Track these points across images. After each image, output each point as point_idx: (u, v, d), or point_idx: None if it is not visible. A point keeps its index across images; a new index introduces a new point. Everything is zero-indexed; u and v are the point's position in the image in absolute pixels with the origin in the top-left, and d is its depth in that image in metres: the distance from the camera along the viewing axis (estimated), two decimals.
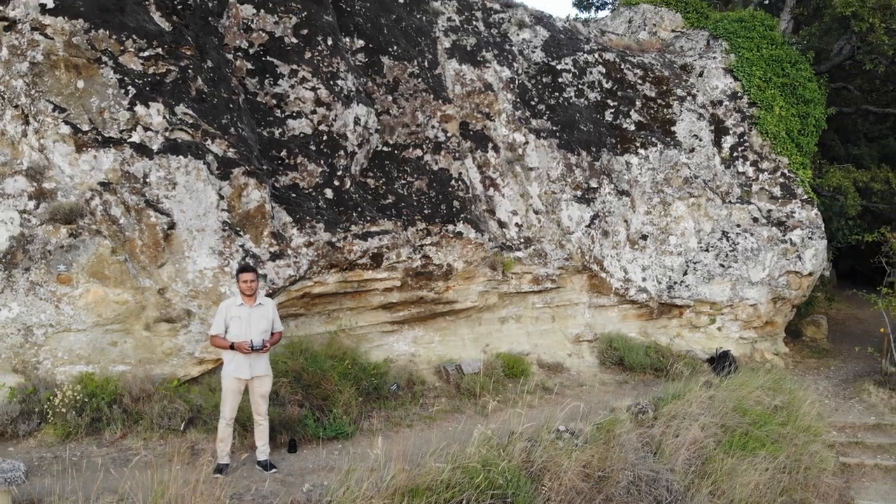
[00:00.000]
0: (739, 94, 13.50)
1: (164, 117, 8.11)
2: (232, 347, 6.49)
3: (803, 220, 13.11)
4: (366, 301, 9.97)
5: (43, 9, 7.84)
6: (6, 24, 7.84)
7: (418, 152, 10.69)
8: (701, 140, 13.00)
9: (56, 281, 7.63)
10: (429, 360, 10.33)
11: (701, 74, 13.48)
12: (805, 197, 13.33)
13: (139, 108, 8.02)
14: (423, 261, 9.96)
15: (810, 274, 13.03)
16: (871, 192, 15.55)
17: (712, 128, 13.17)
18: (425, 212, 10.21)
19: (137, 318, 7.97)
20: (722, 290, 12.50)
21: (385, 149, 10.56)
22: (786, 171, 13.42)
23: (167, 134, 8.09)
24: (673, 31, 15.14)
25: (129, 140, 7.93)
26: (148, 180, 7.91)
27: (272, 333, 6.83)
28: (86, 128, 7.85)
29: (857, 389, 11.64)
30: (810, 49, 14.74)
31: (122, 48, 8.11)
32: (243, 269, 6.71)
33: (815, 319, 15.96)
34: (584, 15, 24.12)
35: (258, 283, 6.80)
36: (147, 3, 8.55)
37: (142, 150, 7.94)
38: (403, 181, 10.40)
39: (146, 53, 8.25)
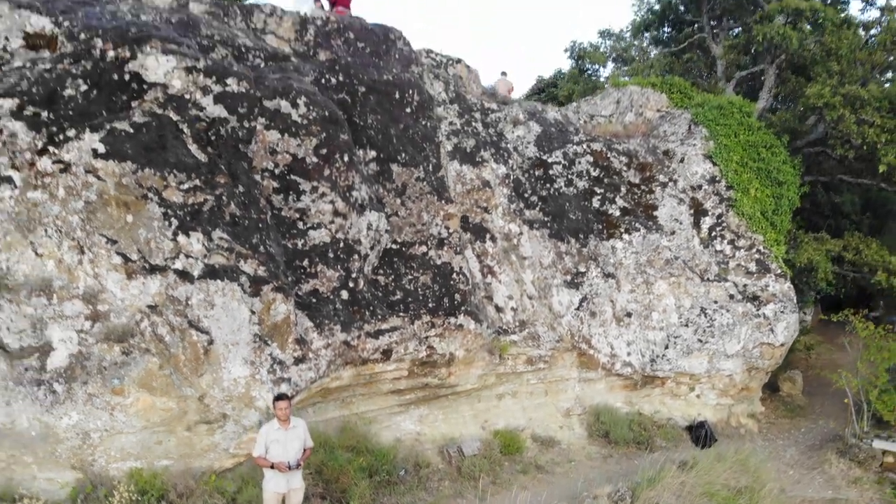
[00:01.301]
0: (718, 178, 14.69)
1: (203, 244, 9.33)
2: (272, 466, 7.72)
3: (777, 293, 14.28)
4: (376, 388, 11.17)
5: (95, 153, 9.07)
6: (62, 166, 9.07)
7: (423, 248, 11.88)
8: (681, 223, 14.19)
9: (110, 392, 8.82)
10: (433, 440, 11.50)
11: (682, 160, 14.68)
12: (779, 272, 14.49)
13: (181, 238, 9.25)
14: (427, 351, 11.15)
15: (782, 345, 14.19)
16: (843, 260, 16.71)
17: (692, 211, 14.36)
18: (430, 305, 11.39)
19: (180, 421, 9.15)
20: (700, 362, 13.65)
21: (394, 246, 11.76)
22: (761, 247, 14.59)
23: (206, 260, 9.31)
24: (658, 110, 16.34)
25: (172, 267, 9.14)
26: (190, 302, 9.12)
27: (304, 450, 8.08)
28: (135, 257, 9.06)
29: (821, 459, 12.77)
30: (786, 132, 15.93)
31: (164, 183, 9.34)
32: (279, 397, 7.93)
33: (790, 375, 17.09)
34: (570, 66, 24.96)
35: (291, 409, 8.01)
36: (184, 136, 9.80)
37: (184, 275, 9.15)
38: (410, 276, 11.60)
39: (186, 186, 9.48)
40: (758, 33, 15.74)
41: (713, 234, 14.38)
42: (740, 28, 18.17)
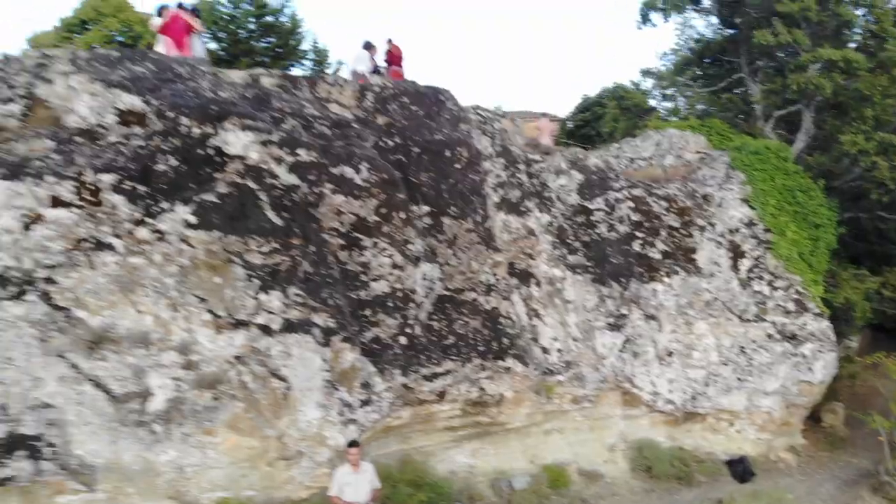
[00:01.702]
0: (755, 222, 15.34)
1: (281, 301, 10.51)
2: None
3: (815, 332, 14.82)
4: (432, 425, 12.17)
5: (187, 223, 10.36)
6: (159, 235, 10.37)
7: (473, 295, 12.88)
8: (720, 266, 14.88)
9: (203, 433, 10.02)
10: (485, 473, 12.43)
11: (720, 205, 15.38)
12: (817, 311, 15.04)
13: (262, 296, 10.45)
14: (479, 392, 12.12)
15: (821, 382, 14.71)
16: (882, 297, 17.06)
17: (730, 254, 15.05)
18: (480, 349, 12.37)
19: (262, 458, 10.30)
20: (739, 399, 14.28)
21: (446, 293, 12.77)
22: (799, 287, 15.17)
23: (284, 314, 10.48)
24: (698, 152, 17.07)
25: (255, 322, 10.34)
26: (270, 353, 10.29)
27: (373, 490, 9.16)
28: (222, 313, 10.29)
29: (854, 495, 13.22)
30: (822, 174, 16.49)
31: (247, 247, 10.57)
32: (351, 444, 9.01)
33: (832, 407, 17.45)
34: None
35: (361, 453, 9.09)
36: (262, 203, 11.04)
37: (265, 329, 10.34)
38: (462, 321, 12.60)
39: (265, 248, 10.70)
40: (792, 82, 16.38)
41: (751, 275, 15.02)
42: (777, 68, 18.72)
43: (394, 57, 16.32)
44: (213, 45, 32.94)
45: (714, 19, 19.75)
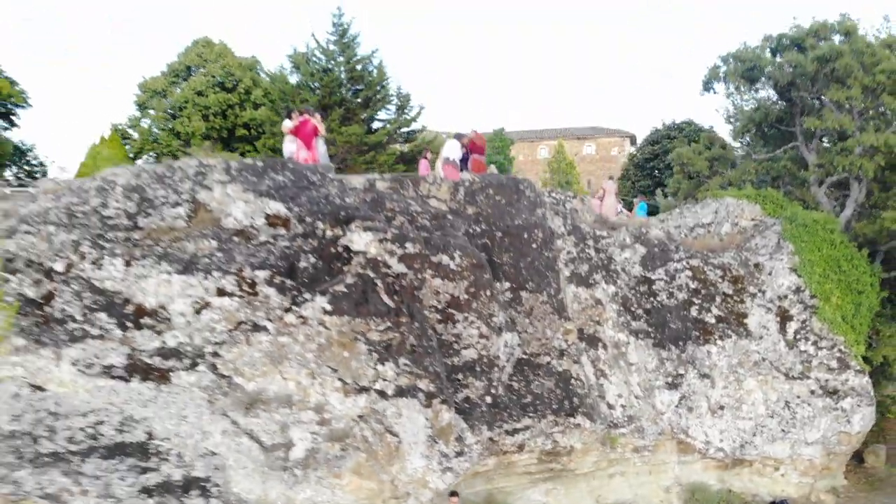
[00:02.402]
0: (802, 289, 17.05)
1: (393, 370, 13.15)
2: None
3: (855, 387, 16.46)
4: (512, 470, 14.58)
5: (324, 310, 13.12)
6: (302, 320, 13.18)
7: (547, 358, 15.22)
8: (768, 329, 16.69)
9: (332, 476, 12.75)
10: None
11: (770, 273, 17.16)
12: (857, 368, 16.63)
13: (379, 367, 13.12)
14: (552, 444, 14.44)
15: (858, 433, 16.31)
16: None
17: (778, 318, 16.82)
18: (553, 406, 14.69)
19: (378, 497, 12.95)
20: (783, 448, 16.06)
21: (524, 357, 15.17)
22: (842, 347, 16.79)
23: (395, 381, 13.12)
24: (752, 219, 18.84)
25: (374, 388, 13.01)
26: (385, 413, 12.93)
27: None
28: (349, 381, 13.01)
29: None
30: (868, 242, 18.00)
31: (368, 327, 13.26)
32: (452, 494, 11.53)
33: (874, 449, 18.90)
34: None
35: (459, 502, 11.60)
36: (379, 289, 13.71)
37: (381, 394, 13.00)
38: (537, 382, 14.96)
39: (381, 327, 13.37)
40: (839, 163, 17.94)
41: (797, 336, 16.76)
42: (831, 140, 20.22)
43: (476, 146, 18.88)
44: (310, 97, 36.30)
45: (772, 92, 21.32)
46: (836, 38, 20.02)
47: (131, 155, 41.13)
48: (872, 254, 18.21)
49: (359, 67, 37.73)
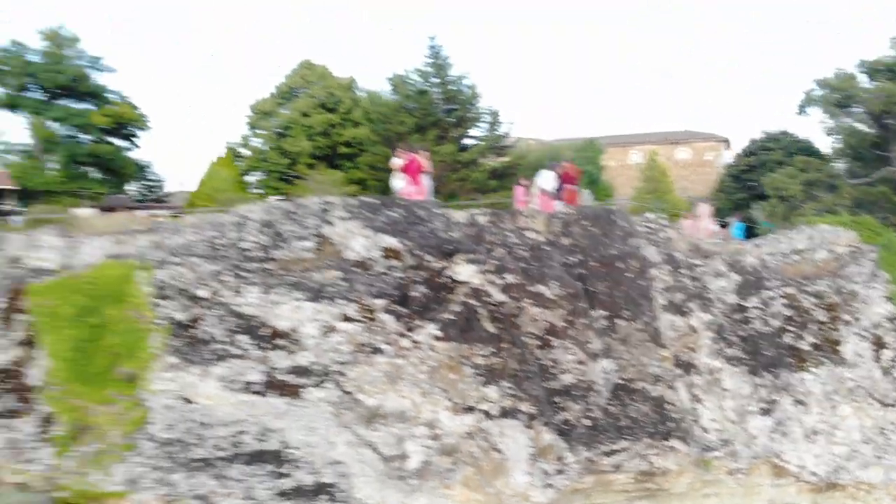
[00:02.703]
0: None
1: (497, 393, 14.37)
2: None
3: None
4: (609, 488, 15.47)
5: (434, 336, 14.50)
6: (415, 344, 14.60)
7: (643, 384, 16.03)
8: (863, 356, 16.86)
9: (444, 488, 14.09)
10: None
11: (865, 301, 17.30)
12: None
13: (483, 389, 14.37)
14: (648, 465, 15.26)
15: None
16: None
17: (873, 346, 16.96)
18: (648, 430, 15.50)
19: None
20: (877, 473, 16.22)
21: (620, 382, 16.05)
22: None
23: (499, 403, 14.33)
24: (848, 245, 18.95)
25: (479, 408, 14.27)
26: (490, 432, 14.16)
27: None
28: (457, 401, 14.32)
29: None
30: None
31: (472, 352, 14.54)
32: None
33: None
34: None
35: None
36: (481, 317, 14.97)
37: (487, 414, 14.24)
38: (633, 406, 15.80)
39: (485, 352, 14.62)
40: None
41: (893, 364, 16.85)
42: None
43: (569, 177, 19.88)
44: (407, 118, 38.18)
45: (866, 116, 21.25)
46: None
47: (243, 172, 44.16)
48: None
49: (452, 88, 39.32)
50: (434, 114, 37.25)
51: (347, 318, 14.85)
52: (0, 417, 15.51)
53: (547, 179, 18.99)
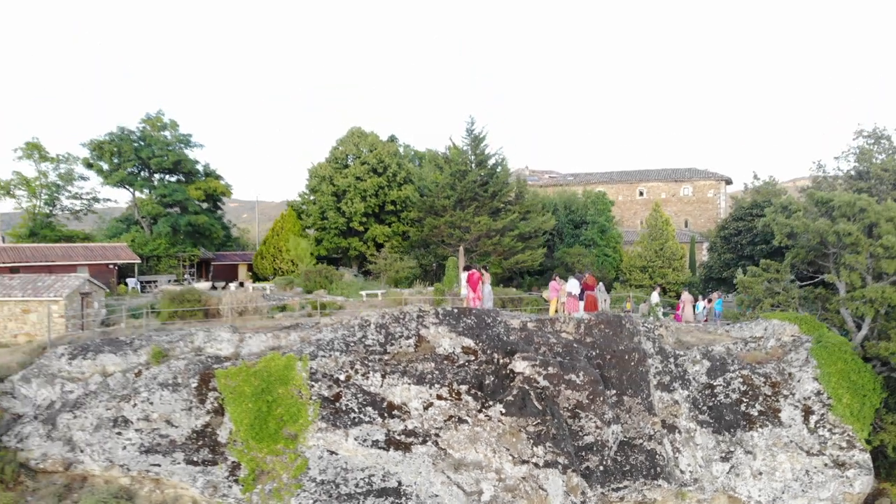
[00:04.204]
0: (822, 392, 24.18)
1: (542, 451, 21.67)
2: None
3: (858, 461, 23.48)
4: None
5: (501, 413, 21.82)
6: (488, 418, 21.95)
7: (640, 441, 23.27)
8: (795, 420, 23.98)
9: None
10: None
11: (799, 381, 24.39)
12: (860, 447, 23.61)
13: (533, 448, 21.66)
14: (642, 497, 22.48)
15: (859, 493, 23.33)
16: None
17: (803, 413, 24.06)
18: (643, 473, 22.72)
19: None
20: (803, 502, 23.34)
21: (624, 439, 23.29)
22: (850, 432, 23.82)
23: (544, 458, 21.62)
24: (791, 335, 26.04)
25: (531, 461, 21.55)
26: (538, 477, 21.42)
27: None
28: (516, 456, 21.61)
29: None
30: (875, 358, 24.84)
31: (525, 423, 21.83)
32: None
33: (881, 502, 25.57)
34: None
35: None
36: (532, 398, 22.28)
37: (536, 465, 21.52)
38: (633, 457, 23.04)
39: (534, 423, 21.90)
40: (850, 307, 24.85)
41: (817, 425, 23.96)
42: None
43: (588, 285, 27.15)
44: (451, 192, 45.38)
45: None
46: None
47: (306, 227, 51.45)
48: (885, 365, 24.91)
49: (489, 164, 46.50)
50: (473, 190, 44.27)
51: (441, 398, 22.23)
52: (200, 464, 22.90)
53: (574, 286, 26.19)
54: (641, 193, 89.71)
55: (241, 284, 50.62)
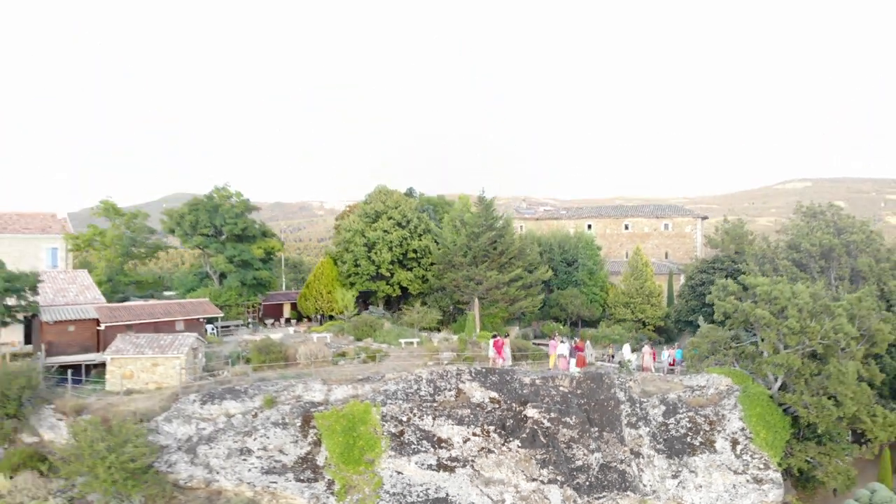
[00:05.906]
0: (745, 428, 33.71)
1: (546, 472, 31.23)
2: None
3: (772, 479, 33.06)
4: None
5: (518, 446, 31.41)
6: (508, 449, 31.51)
7: (615, 464, 32.78)
8: (725, 449, 33.52)
9: None
10: None
11: (729, 420, 33.90)
12: (774, 468, 33.18)
13: (541, 470, 31.27)
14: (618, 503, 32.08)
15: (773, 502, 32.92)
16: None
17: (731, 443, 33.59)
18: (617, 487, 32.23)
19: None
20: None
21: (603, 462, 32.80)
22: (766, 457, 33.37)
23: (548, 476, 31.17)
24: (726, 385, 35.59)
25: (539, 479, 31.11)
26: (544, 491, 31.00)
27: None
28: (528, 475, 31.18)
29: None
30: (789, 401, 34.51)
31: (535, 453, 31.41)
32: None
33: None
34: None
35: None
36: (540, 434, 31.89)
37: (542, 481, 31.08)
38: (610, 476, 32.54)
39: (541, 452, 31.50)
40: (768, 367, 34.43)
41: (742, 452, 33.50)
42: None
43: (578, 347, 36.76)
44: (467, 251, 54.93)
45: None
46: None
47: (343, 273, 60.57)
48: (792, 407, 34.43)
49: (497, 226, 55.89)
50: (484, 248, 53.46)
51: (475, 434, 31.82)
52: (306, 482, 32.31)
53: (565, 349, 35.65)
54: (627, 227, 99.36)
55: (288, 321, 60.05)
